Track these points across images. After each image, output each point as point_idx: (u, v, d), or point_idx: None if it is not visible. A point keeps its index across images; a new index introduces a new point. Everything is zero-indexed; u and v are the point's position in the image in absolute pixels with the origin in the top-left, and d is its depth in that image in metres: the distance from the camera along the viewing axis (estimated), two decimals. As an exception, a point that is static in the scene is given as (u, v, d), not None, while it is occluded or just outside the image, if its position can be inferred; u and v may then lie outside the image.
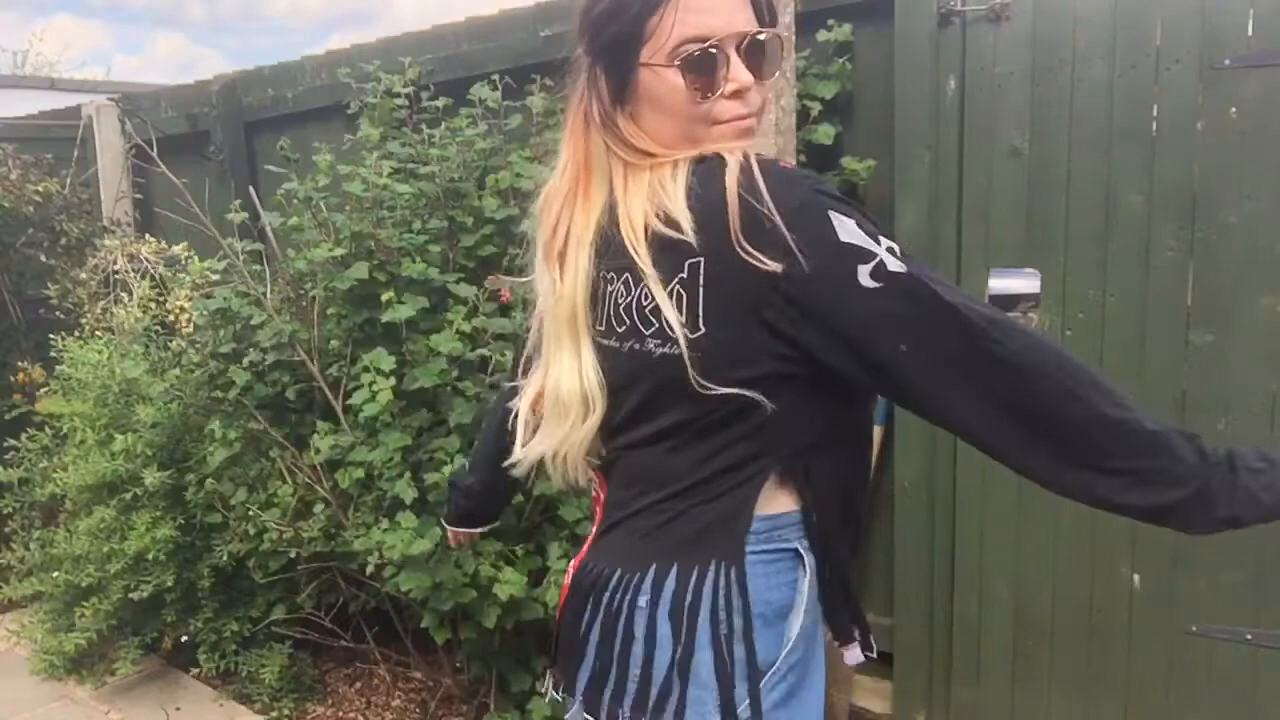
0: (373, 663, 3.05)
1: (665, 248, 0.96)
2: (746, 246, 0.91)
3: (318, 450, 2.54)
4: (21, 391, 3.89)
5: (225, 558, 2.87)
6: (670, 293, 0.95)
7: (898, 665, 2.58)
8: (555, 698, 1.15)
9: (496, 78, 2.86)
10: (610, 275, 1.02)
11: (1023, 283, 2.35)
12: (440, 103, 2.98)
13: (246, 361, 2.78)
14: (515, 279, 2.23)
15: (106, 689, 3.11)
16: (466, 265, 2.69)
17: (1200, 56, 2.05)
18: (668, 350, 0.96)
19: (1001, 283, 2.44)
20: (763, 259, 0.90)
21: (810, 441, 1.02)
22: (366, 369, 2.43)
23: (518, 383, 1.18)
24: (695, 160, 0.99)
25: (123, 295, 3.72)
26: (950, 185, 2.32)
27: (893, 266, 0.91)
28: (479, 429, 2.42)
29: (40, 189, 4.03)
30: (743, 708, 0.99)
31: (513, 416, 1.17)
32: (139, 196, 4.39)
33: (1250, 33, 2.01)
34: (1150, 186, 2.14)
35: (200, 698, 3.06)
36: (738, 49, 0.98)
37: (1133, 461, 0.90)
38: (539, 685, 2.36)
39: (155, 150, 3.21)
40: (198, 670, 3.07)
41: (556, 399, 1.06)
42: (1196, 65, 2.06)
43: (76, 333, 3.58)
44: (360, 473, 2.46)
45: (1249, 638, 2.15)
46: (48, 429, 3.32)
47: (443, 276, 2.56)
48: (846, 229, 0.92)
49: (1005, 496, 2.34)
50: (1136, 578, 2.25)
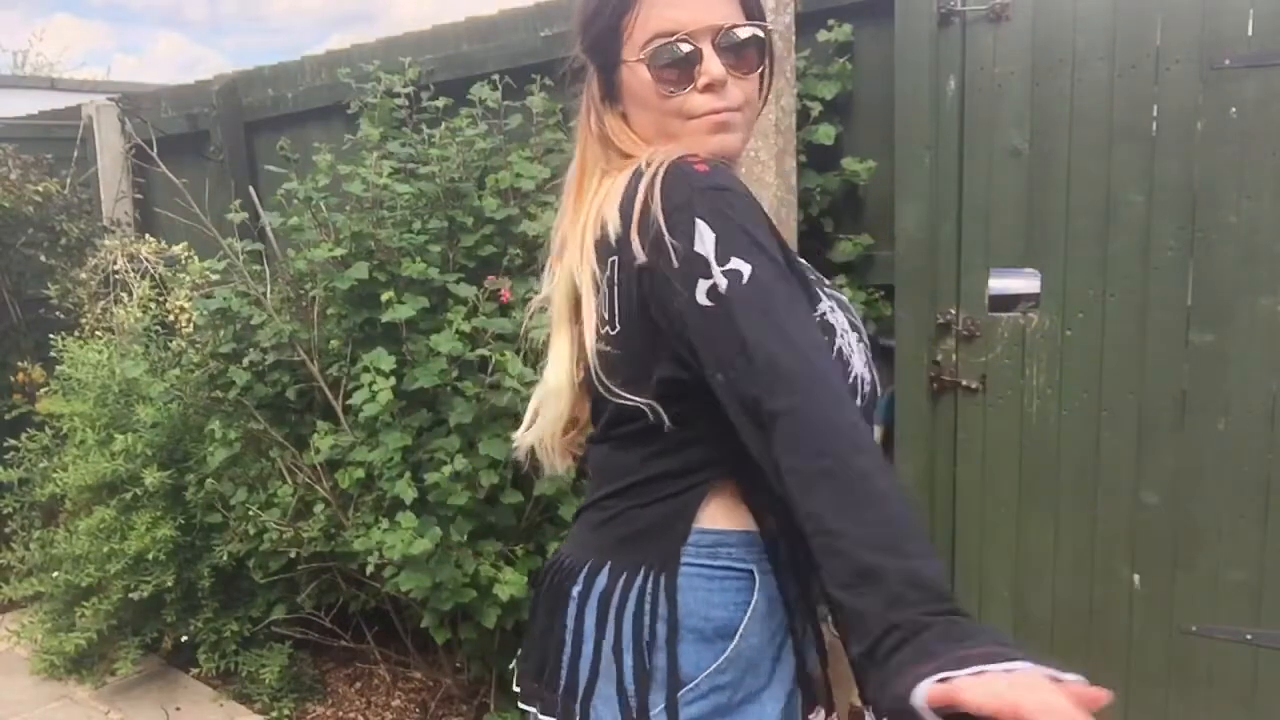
0: (373, 663, 3.05)
1: (601, 248, 0.98)
2: (634, 239, 0.93)
3: (318, 450, 2.54)
4: (21, 391, 3.89)
5: (225, 558, 2.87)
6: (598, 290, 0.98)
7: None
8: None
9: (496, 78, 2.86)
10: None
11: (1023, 283, 2.36)
12: (440, 103, 2.98)
13: (246, 361, 2.78)
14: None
15: (106, 689, 3.11)
16: (466, 265, 2.69)
17: (1200, 56, 2.05)
18: (598, 347, 0.99)
19: (1001, 283, 2.45)
20: (640, 252, 0.92)
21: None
22: (366, 369, 2.43)
23: None
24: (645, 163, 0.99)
25: (123, 295, 3.72)
26: (950, 185, 2.32)
27: (726, 290, 0.87)
28: (478, 428, 2.43)
29: (40, 189, 4.03)
30: (656, 712, 0.97)
31: None
32: (139, 196, 4.39)
33: (1250, 33, 2.01)
34: (1150, 186, 2.14)
35: (200, 698, 3.06)
36: (714, 43, 0.97)
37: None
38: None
39: (155, 150, 3.21)
40: (198, 670, 3.07)
41: (544, 389, 1.11)
42: (1196, 65, 2.06)
43: (76, 333, 3.58)
44: (360, 473, 2.46)
45: (1249, 638, 2.15)
46: (48, 429, 3.32)
47: (443, 276, 2.56)
48: (704, 240, 0.89)
49: (1005, 496, 2.34)
50: (1136, 578, 2.25)
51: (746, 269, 0.87)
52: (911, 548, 0.77)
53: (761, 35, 1.01)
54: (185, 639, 3.06)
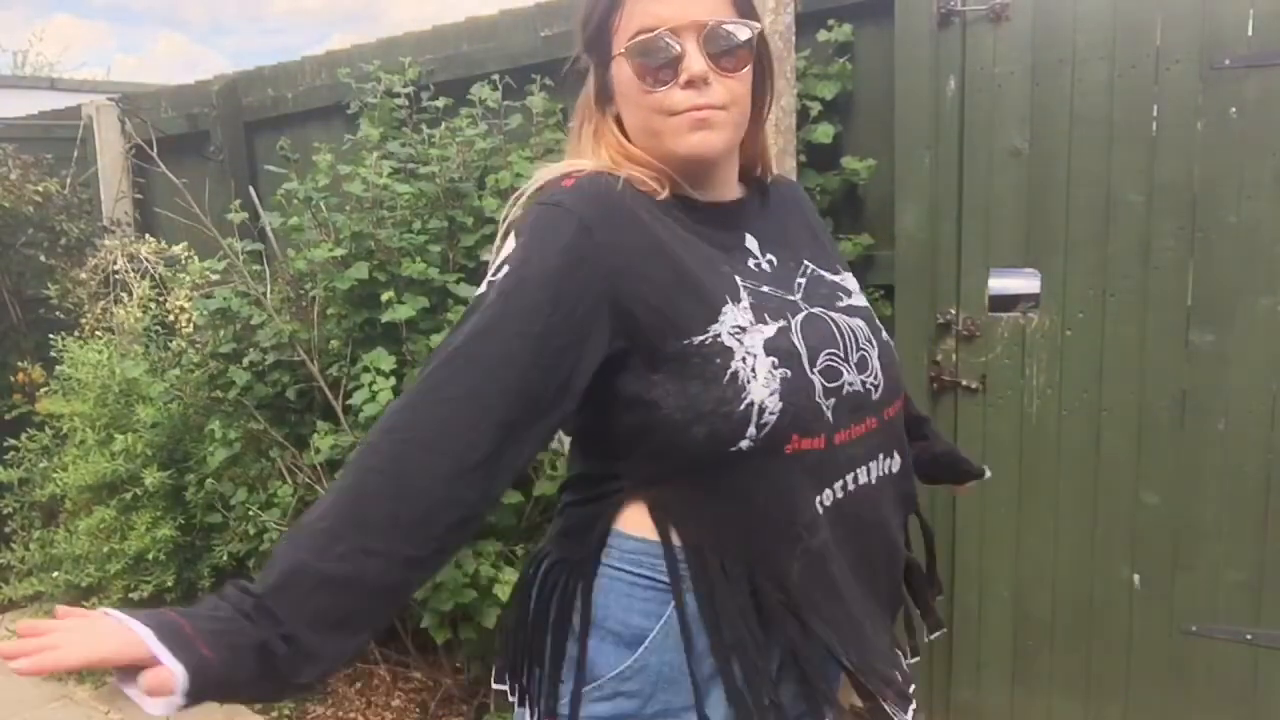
0: (373, 663, 3.05)
1: None
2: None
3: (318, 450, 2.54)
4: (21, 391, 3.89)
5: (225, 558, 2.87)
6: None
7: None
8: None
9: (496, 78, 2.86)
10: None
11: (1023, 283, 2.36)
12: (440, 103, 2.98)
13: (246, 361, 2.79)
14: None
15: (106, 689, 3.11)
16: (466, 265, 2.69)
17: (1200, 56, 2.05)
18: None
19: (1001, 283, 2.44)
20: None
21: (661, 472, 0.97)
22: (366, 369, 2.43)
23: None
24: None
25: (123, 295, 3.72)
26: (950, 185, 2.32)
27: (475, 299, 0.94)
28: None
29: (40, 189, 4.03)
30: (563, 704, 1.02)
31: None
32: (139, 196, 4.39)
33: (1250, 33, 2.01)
34: (1150, 186, 2.14)
35: (200, 698, 3.06)
36: (699, 40, 0.96)
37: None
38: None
39: (155, 150, 3.21)
40: (198, 670, 3.07)
41: None
42: (1196, 65, 2.06)
43: (76, 333, 3.58)
44: (360, 473, 2.45)
45: (1249, 638, 2.15)
46: (48, 429, 3.32)
47: (443, 276, 2.56)
48: (505, 247, 0.95)
49: (1005, 496, 2.34)
50: (1136, 578, 2.25)
51: (493, 288, 0.92)
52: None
53: (750, 34, 0.99)
54: (185, 639, 3.06)
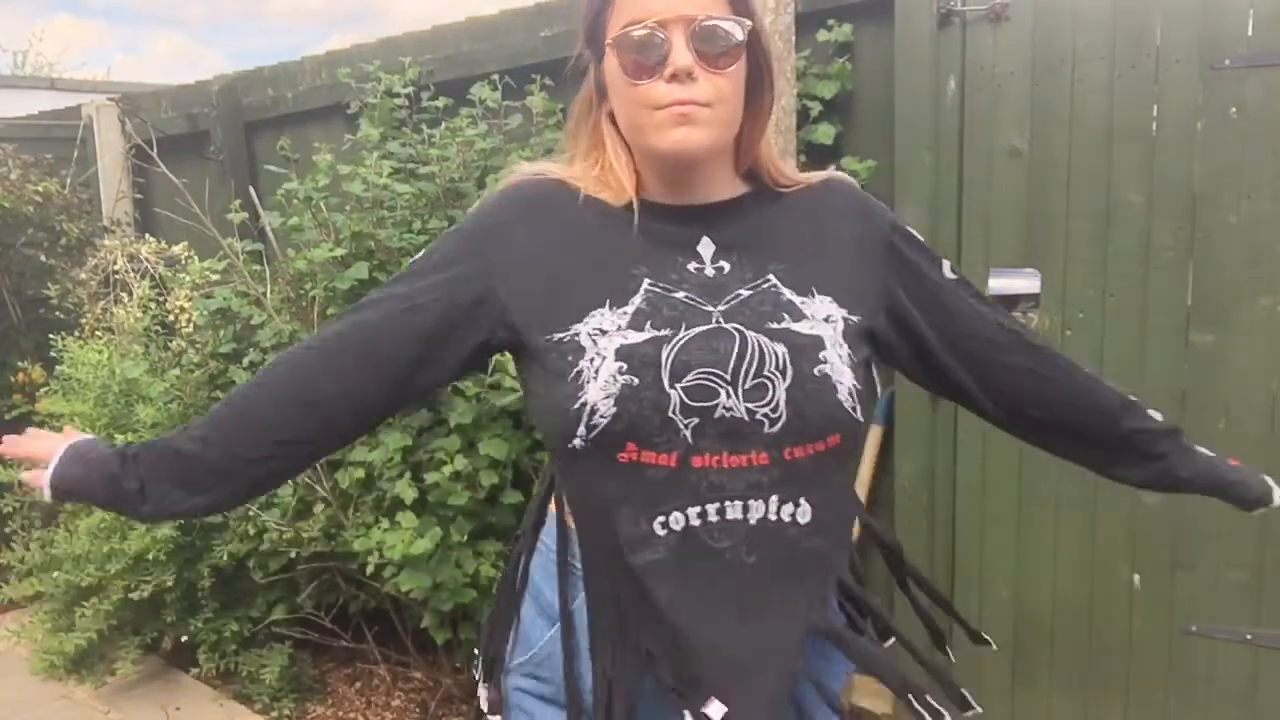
0: (373, 663, 3.05)
1: None
2: None
3: (318, 450, 2.54)
4: (21, 391, 3.89)
5: (225, 558, 2.87)
6: None
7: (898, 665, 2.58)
8: None
9: (496, 78, 2.86)
10: None
11: (1023, 283, 2.36)
12: (440, 103, 2.97)
13: (246, 361, 2.78)
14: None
15: (106, 689, 3.11)
16: (466, 265, 2.69)
17: (1200, 56, 2.05)
18: None
19: (1001, 283, 2.44)
20: None
21: (553, 458, 1.08)
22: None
23: None
24: None
25: (123, 295, 3.72)
26: (950, 185, 2.32)
27: None
28: (478, 428, 2.43)
29: (40, 189, 4.03)
30: (511, 664, 1.14)
31: None
32: (139, 196, 4.39)
33: (1250, 33, 2.01)
34: (1150, 186, 2.14)
35: (200, 698, 3.06)
36: (687, 34, 0.95)
37: None
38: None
39: (155, 150, 3.22)
40: (198, 670, 3.07)
41: None
42: (1196, 65, 2.06)
43: (76, 333, 3.58)
44: (360, 473, 2.46)
45: (1249, 638, 2.15)
46: (48, 429, 3.31)
47: (443, 276, 2.55)
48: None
49: (1005, 496, 2.34)
50: (1136, 578, 2.25)
51: (414, 270, 1.07)
52: None
53: (740, 32, 0.97)
54: (185, 639, 3.06)
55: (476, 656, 1.21)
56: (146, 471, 1.04)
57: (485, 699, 1.15)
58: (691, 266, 1.01)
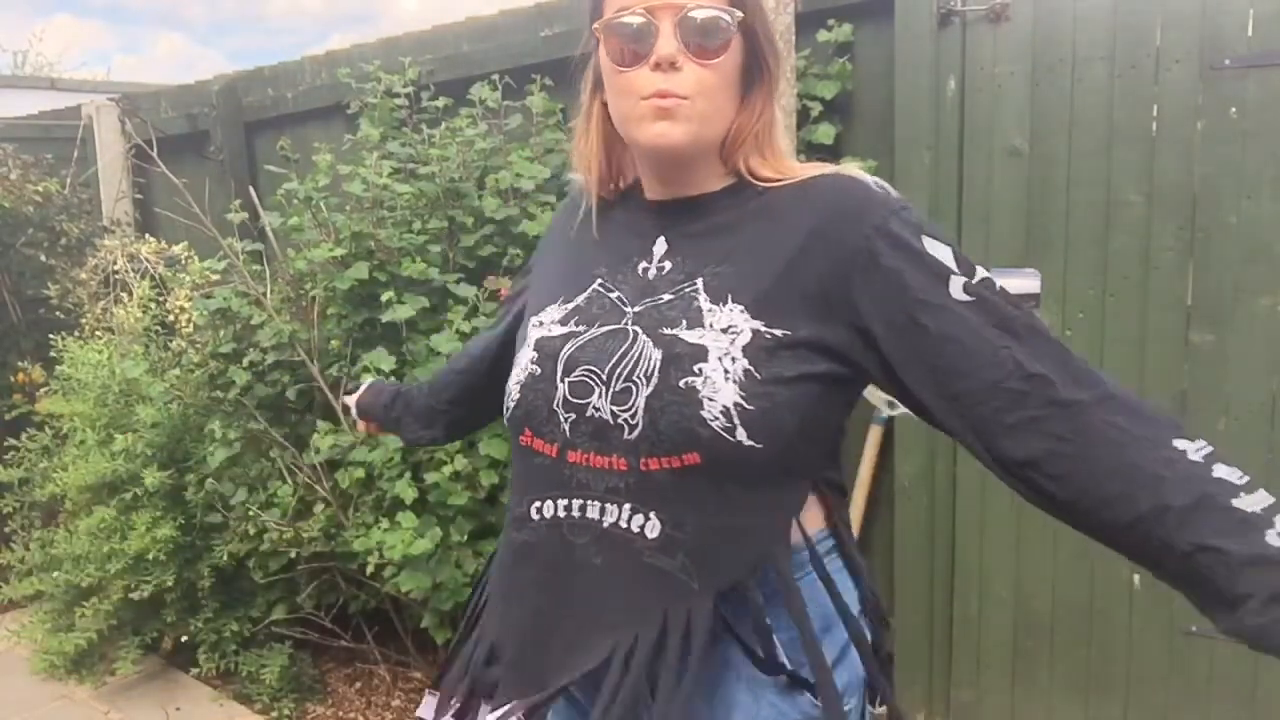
0: (373, 663, 3.05)
1: None
2: None
3: (318, 450, 2.54)
4: (21, 391, 3.89)
5: (225, 558, 2.87)
6: None
7: (898, 665, 2.58)
8: None
9: (496, 78, 2.86)
10: None
11: (1023, 283, 2.36)
12: (440, 103, 2.98)
13: (246, 361, 2.78)
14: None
15: (106, 689, 3.11)
16: (466, 265, 2.69)
17: (1200, 56, 2.05)
18: None
19: (1002, 282, 2.44)
20: None
21: None
22: (366, 369, 2.43)
23: None
24: None
25: (123, 295, 3.72)
26: (950, 185, 2.32)
27: None
28: (480, 429, 2.43)
29: (40, 189, 4.03)
30: None
31: None
32: (139, 196, 4.39)
33: (1250, 33, 2.01)
34: (1150, 186, 2.14)
35: (200, 698, 3.06)
36: (674, 22, 0.92)
37: None
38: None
39: (155, 150, 3.21)
40: (198, 670, 3.07)
41: None
42: (1196, 65, 2.06)
43: (76, 333, 3.58)
44: (360, 473, 2.46)
45: (1249, 638, 2.15)
46: (48, 429, 3.32)
47: (443, 276, 2.56)
48: None
49: (1005, 496, 2.34)
50: (1136, 578, 2.25)
51: None
52: None
53: (731, 21, 0.93)
54: (185, 639, 3.06)
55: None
56: (402, 407, 1.44)
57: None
58: (640, 267, 1.01)
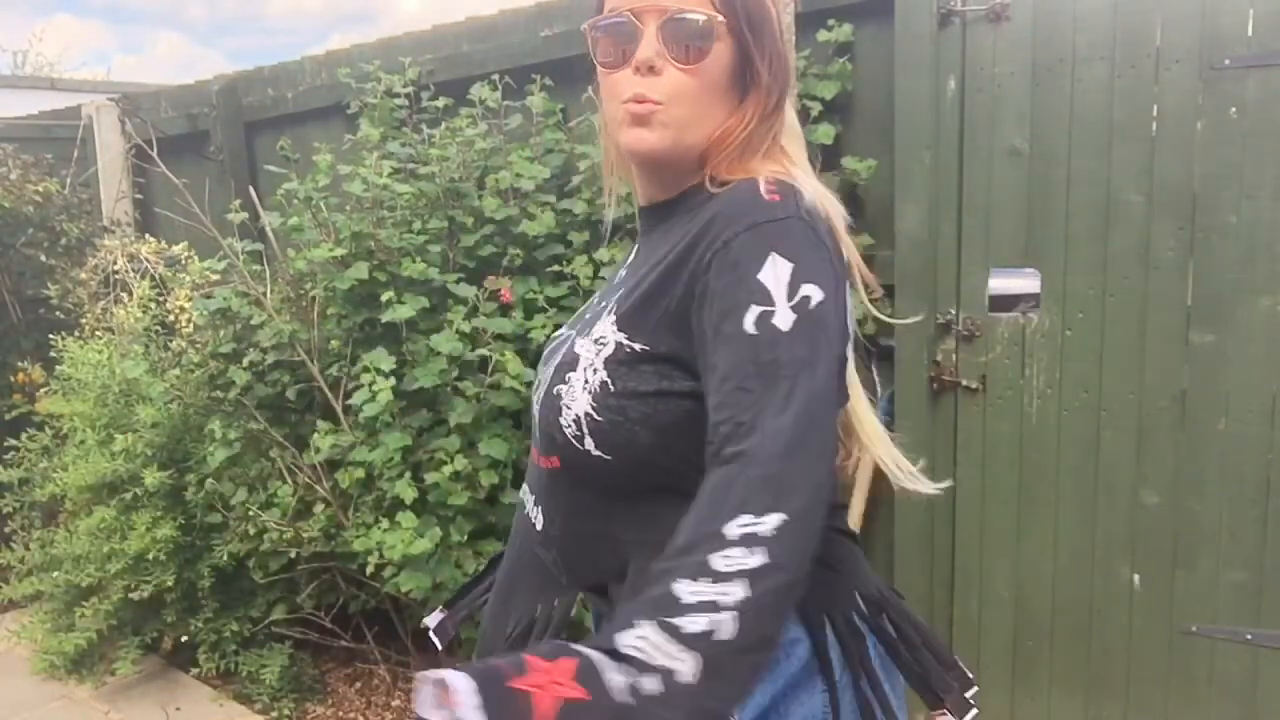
0: (373, 663, 3.05)
1: None
2: None
3: (318, 450, 2.54)
4: (21, 391, 3.89)
5: (225, 558, 2.87)
6: None
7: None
8: None
9: (496, 78, 2.86)
10: None
11: (1023, 283, 2.36)
12: (440, 103, 2.98)
13: (246, 361, 2.78)
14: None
15: (106, 689, 3.11)
16: (466, 265, 2.69)
17: (1200, 56, 2.05)
18: None
19: (1001, 283, 2.44)
20: None
21: None
22: (366, 369, 2.43)
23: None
24: None
25: (123, 295, 3.72)
26: (950, 185, 2.32)
27: None
28: (478, 428, 2.43)
29: (40, 189, 4.03)
30: None
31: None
32: (139, 196, 4.39)
33: (1250, 33, 2.01)
34: (1150, 186, 2.14)
35: (200, 698, 3.06)
36: (658, 25, 0.90)
37: None
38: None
39: (155, 150, 3.21)
40: (198, 670, 3.07)
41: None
42: (1196, 65, 2.06)
43: (76, 333, 3.58)
44: (360, 473, 2.46)
45: (1249, 638, 2.15)
46: (48, 429, 3.32)
47: (443, 276, 2.56)
48: None
49: (1005, 496, 2.34)
50: (1136, 578, 2.25)
51: None
52: None
53: (713, 26, 0.90)
54: (185, 639, 3.06)
55: None
56: None
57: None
58: (621, 273, 1.06)
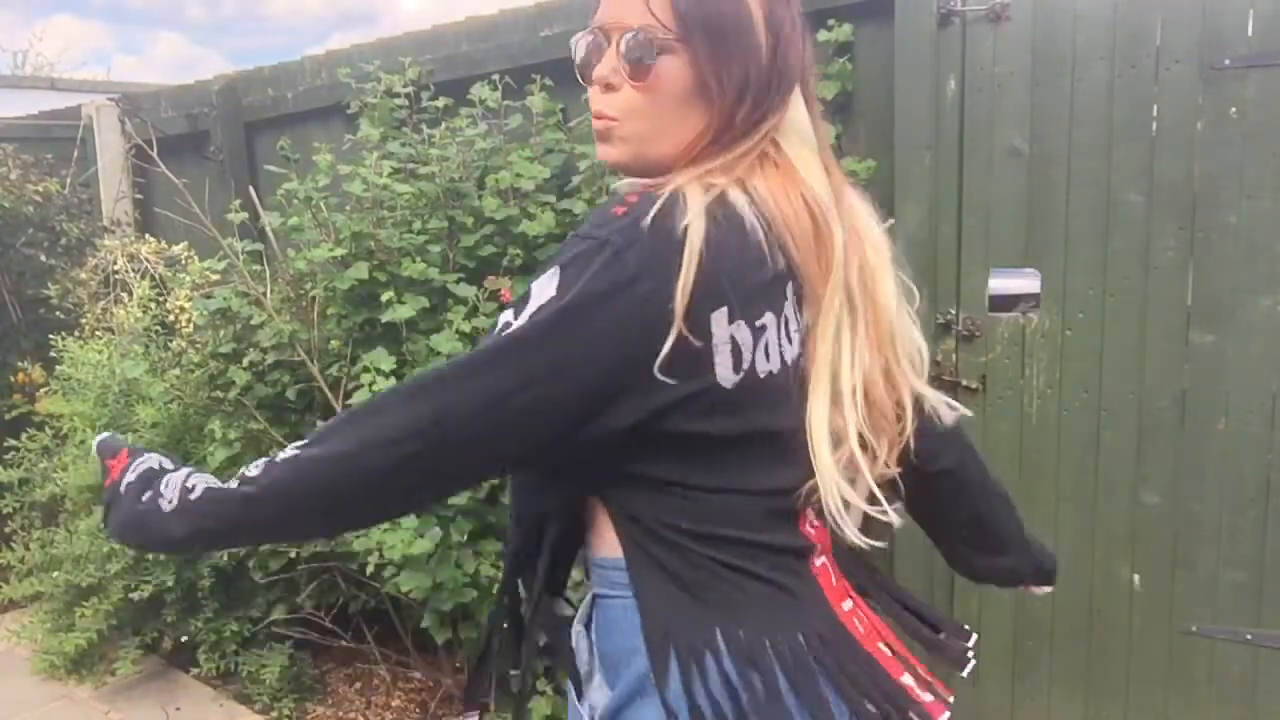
0: (373, 663, 3.05)
1: None
2: None
3: (318, 450, 2.54)
4: (21, 391, 3.89)
5: (225, 558, 2.87)
6: None
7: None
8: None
9: (496, 78, 2.86)
10: None
11: (1023, 283, 2.36)
12: (440, 103, 2.97)
13: (246, 361, 2.78)
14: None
15: (106, 689, 3.11)
16: (466, 265, 2.69)
17: (1200, 56, 2.05)
18: None
19: (1001, 283, 2.44)
20: None
21: None
22: (366, 369, 2.43)
23: None
24: None
25: (123, 295, 3.72)
26: (950, 185, 2.32)
27: None
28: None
29: (40, 189, 4.03)
30: None
31: None
32: (139, 196, 4.39)
33: (1250, 33, 2.01)
34: (1150, 186, 2.14)
35: (200, 698, 3.06)
36: (618, 43, 0.90)
37: None
38: (539, 684, 2.36)
39: (155, 150, 3.21)
40: (198, 670, 3.07)
41: None
42: (1196, 65, 2.06)
43: (76, 333, 3.58)
44: (360, 473, 2.45)
45: (1249, 638, 2.15)
46: (48, 429, 3.32)
47: (443, 276, 2.56)
48: None
49: (1005, 496, 2.34)
50: (1136, 578, 2.25)
51: None
52: None
53: (658, 43, 0.88)
54: (185, 639, 3.06)
55: None
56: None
57: None
58: None
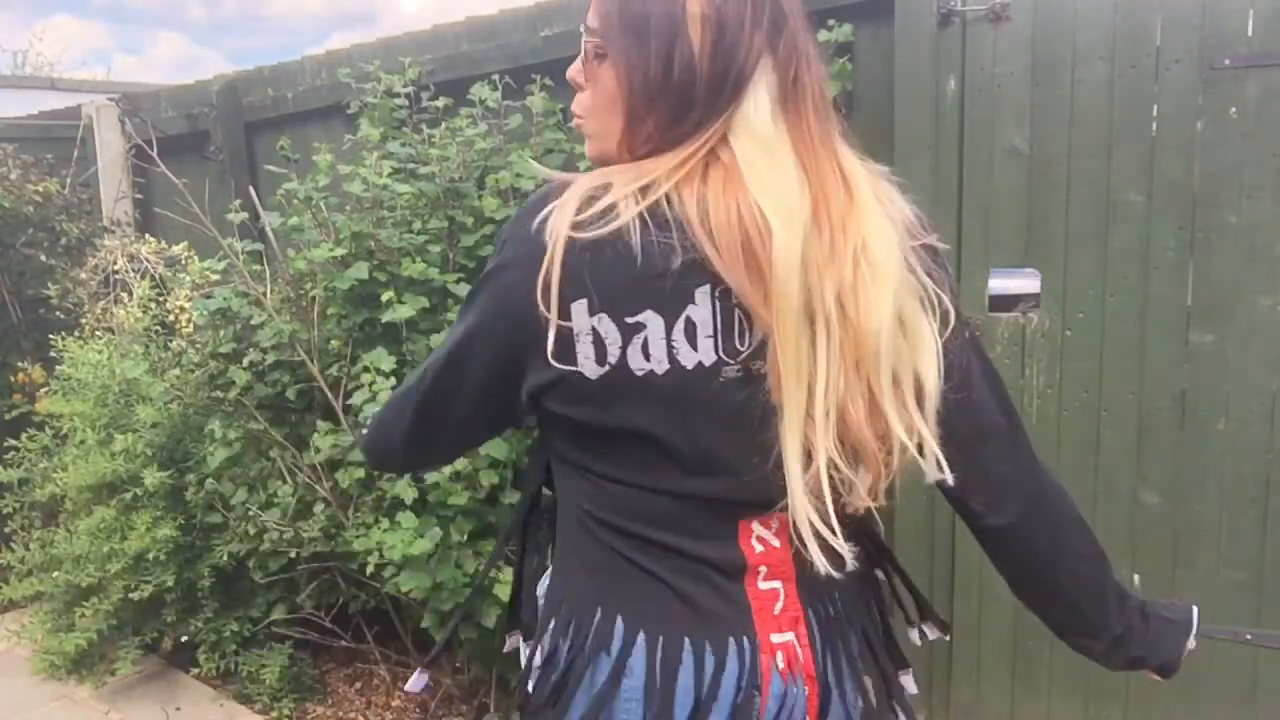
0: (373, 663, 3.05)
1: None
2: None
3: (318, 450, 2.54)
4: (21, 391, 3.89)
5: (225, 558, 2.87)
6: None
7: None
8: None
9: (496, 78, 2.86)
10: None
11: (1023, 283, 2.36)
12: (440, 103, 2.97)
13: (246, 361, 2.78)
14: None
15: (107, 689, 3.11)
16: (466, 265, 2.69)
17: (1200, 56, 2.05)
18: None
19: (1001, 283, 2.44)
20: None
21: None
22: (366, 369, 2.43)
23: None
24: None
25: (123, 295, 3.72)
26: (950, 185, 2.32)
27: None
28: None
29: (40, 189, 4.03)
30: None
31: None
32: (139, 196, 4.39)
33: (1250, 33, 2.01)
34: (1150, 186, 2.14)
35: (200, 698, 3.06)
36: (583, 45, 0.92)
37: None
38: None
39: (155, 150, 3.21)
40: (198, 670, 3.07)
41: None
42: (1196, 65, 2.06)
43: (76, 333, 3.58)
44: (360, 473, 2.46)
45: (1249, 638, 2.15)
46: (48, 429, 3.32)
47: (443, 276, 2.56)
48: None
49: (1005, 496, 2.34)
50: (1136, 578, 2.25)
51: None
52: None
53: (591, 48, 0.89)
54: (185, 639, 3.06)
55: None
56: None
57: None
58: None
